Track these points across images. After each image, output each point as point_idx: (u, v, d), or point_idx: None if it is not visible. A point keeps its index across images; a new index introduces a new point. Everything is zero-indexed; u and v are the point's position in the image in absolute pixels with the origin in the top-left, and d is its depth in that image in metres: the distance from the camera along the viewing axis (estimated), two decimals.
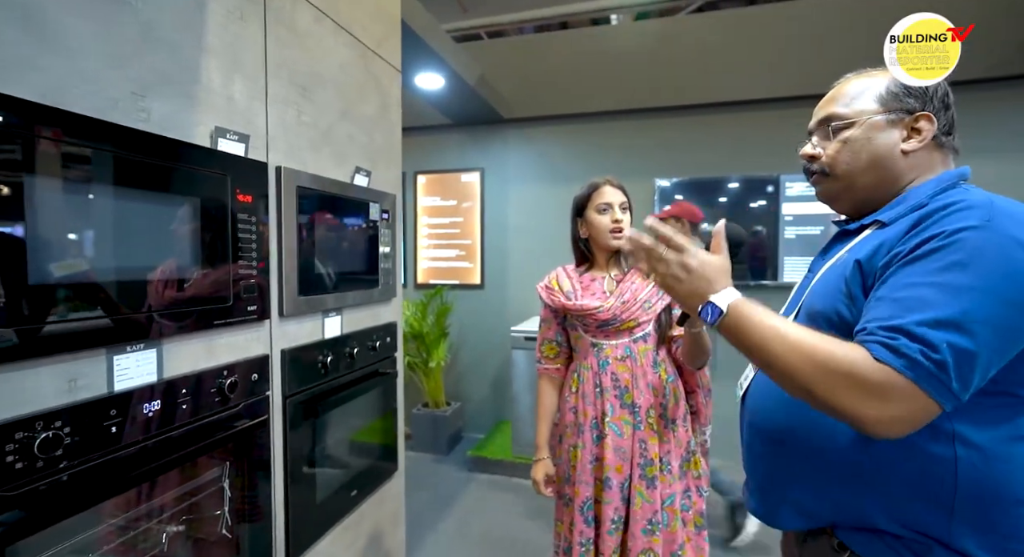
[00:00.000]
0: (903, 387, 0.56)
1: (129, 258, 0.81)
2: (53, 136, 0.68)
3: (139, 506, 0.89)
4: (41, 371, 0.69)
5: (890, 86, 0.77)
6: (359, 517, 1.51)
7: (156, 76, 0.85)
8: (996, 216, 0.59)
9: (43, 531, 0.68)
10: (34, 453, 0.66)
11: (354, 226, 1.46)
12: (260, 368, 1.09)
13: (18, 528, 0.63)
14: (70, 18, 0.71)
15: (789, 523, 0.79)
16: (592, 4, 3.92)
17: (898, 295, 0.61)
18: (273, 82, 1.13)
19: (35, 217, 0.66)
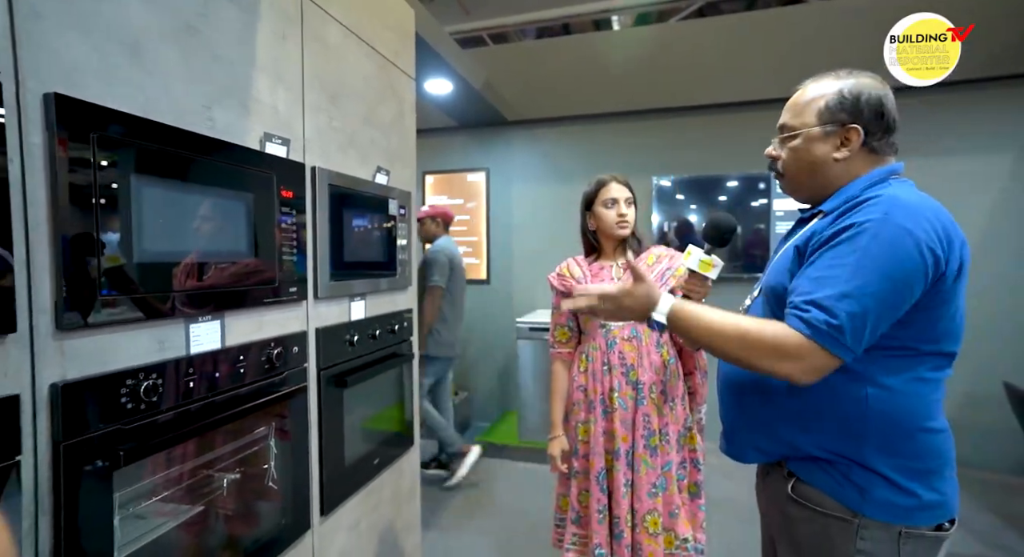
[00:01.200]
0: (810, 347, 0.75)
1: (200, 244, 0.97)
2: (148, 142, 0.84)
3: (206, 454, 1.06)
4: (142, 333, 0.85)
5: (829, 102, 0.88)
6: (380, 484, 1.67)
7: (219, 90, 1.01)
8: (893, 210, 0.75)
9: (144, 459, 0.84)
10: (140, 397, 0.82)
11: (375, 220, 1.62)
12: (300, 343, 1.26)
13: (131, 454, 0.79)
14: (162, 47, 0.88)
15: (752, 459, 0.95)
16: (593, 6, 4.06)
17: (816, 274, 0.78)
18: (309, 92, 1.29)
19: (139, 208, 0.82)
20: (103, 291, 0.76)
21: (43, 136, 0.70)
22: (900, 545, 0.79)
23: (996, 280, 2.90)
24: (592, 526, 1.39)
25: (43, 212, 0.70)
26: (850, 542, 0.81)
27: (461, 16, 4.51)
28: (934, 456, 0.80)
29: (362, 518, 1.56)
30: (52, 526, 0.71)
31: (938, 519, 0.80)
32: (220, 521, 1.11)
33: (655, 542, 1.36)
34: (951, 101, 2.91)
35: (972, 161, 2.92)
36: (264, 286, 1.13)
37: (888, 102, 0.87)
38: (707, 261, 1.13)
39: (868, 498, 0.80)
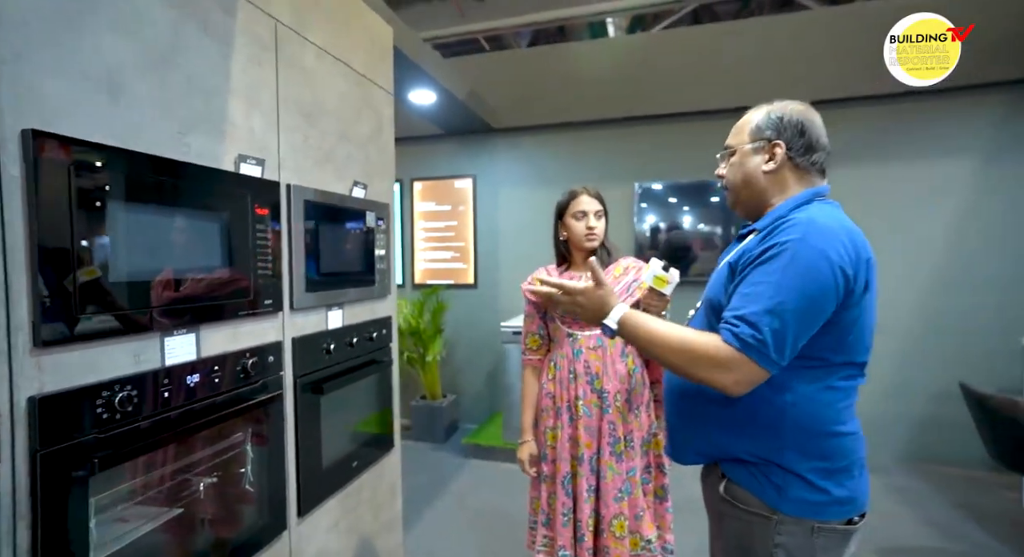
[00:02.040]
0: (740, 360, 0.81)
1: (175, 262, 1.03)
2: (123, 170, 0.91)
3: (183, 459, 1.12)
4: (117, 348, 0.91)
5: (758, 122, 0.97)
6: (360, 486, 1.73)
7: (195, 117, 1.08)
8: (810, 232, 0.82)
9: (119, 466, 0.90)
10: (115, 407, 0.88)
11: (353, 232, 1.69)
12: (275, 352, 1.32)
13: (106, 462, 0.85)
14: (137, 80, 0.94)
15: (690, 461, 1.01)
16: (588, 8, 4.11)
17: (745, 291, 0.84)
18: (284, 114, 1.35)
19: (115, 231, 0.89)
20: (79, 310, 0.83)
21: (20, 168, 0.76)
22: (813, 538, 0.85)
23: (960, 280, 2.98)
24: (557, 529, 1.45)
25: (20, 237, 0.76)
26: (769, 537, 0.87)
27: (457, 19, 4.56)
28: (844, 456, 0.86)
29: (341, 519, 1.62)
30: (30, 529, 0.77)
31: (848, 514, 0.86)
32: (197, 523, 1.17)
33: (621, 545, 1.42)
34: (918, 110, 2.99)
35: (938, 166, 3.00)
36: (239, 299, 1.19)
37: (808, 123, 0.94)
38: (662, 277, 1.20)
39: (785, 496, 0.86)
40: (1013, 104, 2.88)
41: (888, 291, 3.03)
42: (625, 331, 0.93)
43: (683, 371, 0.87)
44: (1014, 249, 2.91)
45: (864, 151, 3.07)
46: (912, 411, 3.08)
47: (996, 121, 2.91)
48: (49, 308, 0.79)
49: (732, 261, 0.92)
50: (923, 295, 3.05)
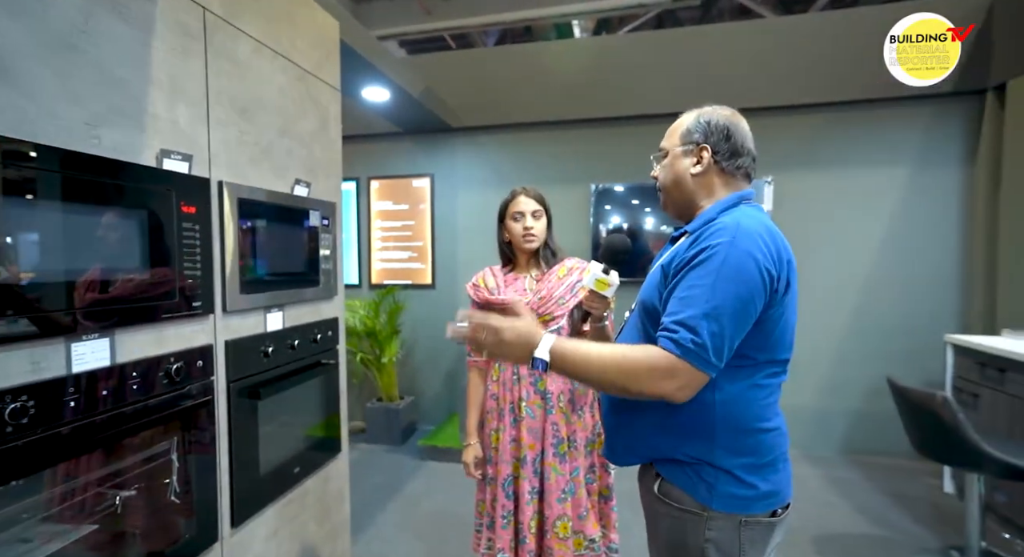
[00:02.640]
0: (682, 366, 0.81)
1: (83, 261, 0.97)
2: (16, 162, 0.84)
3: (96, 471, 1.05)
4: (10, 355, 0.85)
5: (689, 126, 1.00)
6: (303, 492, 1.68)
7: (107, 108, 1.01)
8: (738, 235, 0.84)
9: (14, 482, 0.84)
10: (5, 419, 0.82)
11: (295, 232, 1.63)
12: (205, 356, 1.26)
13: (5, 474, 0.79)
14: (35, 66, 0.88)
15: (626, 462, 1.02)
16: (554, 10, 4.12)
17: (681, 295, 0.85)
18: (215, 107, 1.29)
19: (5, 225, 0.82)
20: None
21: None
22: (741, 532, 0.88)
23: (890, 281, 3.16)
24: (496, 531, 1.44)
25: None
26: (701, 533, 0.89)
27: (422, 16, 4.49)
28: (769, 452, 0.89)
29: (281, 527, 1.57)
30: None
31: (772, 506, 0.89)
32: (116, 539, 1.10)
33: (565, 546, 1.42)
34: (855, 119, 3.15)
35: (871, 173, 3.16)
36: (162, 301, 1.13)
37: (733, 128, 0.97)
38: (603, 280, 1.19)
39: (715, 493, 0.88)
40: (937, 115, 3.07)
41: (825, 291, 3.19)
42: (558, 361, 0.87)
43: (624, 389, 0.85)
44: (939, 252, 3.10)
45: (804, 158, 3.21)
46: (848, 406, 3.24)
47: (923, 131, 3.09)
48: None
49: (664, 264, 0.94)
50: (858, 295, 3.20)
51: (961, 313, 3.08)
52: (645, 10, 4.32)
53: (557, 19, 4.40)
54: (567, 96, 3.42)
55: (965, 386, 2.50)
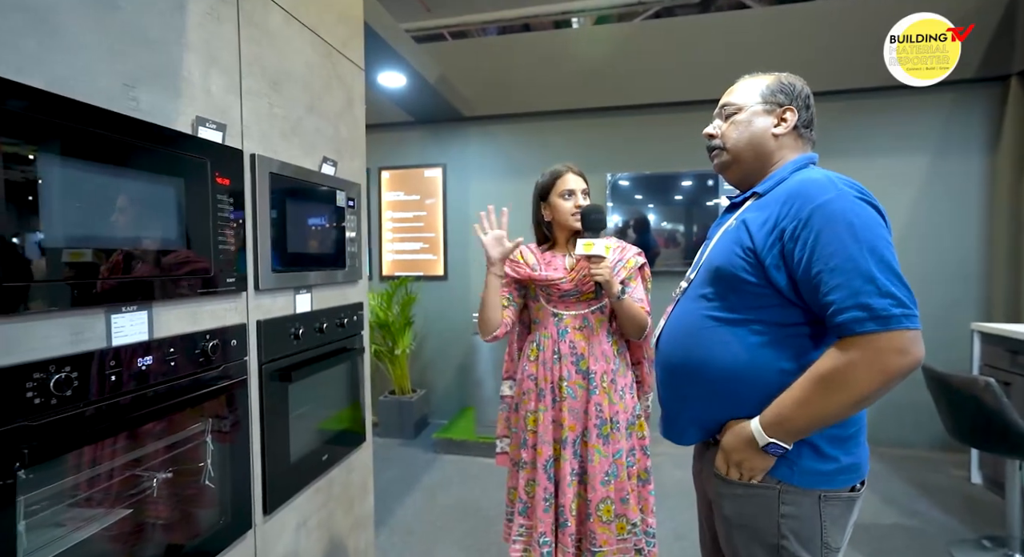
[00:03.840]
0: (894, 335, 0.74)
1: (121, 230, 0.92)
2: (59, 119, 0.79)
3: (133, 452, 1.00)
4: (52, 324, 0.80)
5: (770, 85, 0.97)
6: (329, 481, 1.63)
7: (144, 70, 0.96)
8: (841, 187, 0.80)
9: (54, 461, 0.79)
10: (50, 391, 0.77)
11: (322, 211, 1.58)
12: (239, 335, 1.21)
13: (38, 453, 0.74)
14: (70, 19, 0.83)
15: (691, 440, 0.98)
16: (554, 7, 4.09)
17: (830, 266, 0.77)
18: (247, 77, 1.24)
19: (49, 190, 0.77)
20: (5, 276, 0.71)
21: None
22: (821, 507, 0.83)
23: (913, 270, 3.13)
24: (538, 514, 1.40)
25: None
26: (775, 510, 0.85)
27: (422, 13, 4.45)
28: (853, 423, 0.85)
29: (310, 516, 1.52)
30: None
31: (853, 481, 0.85)
32: (149, 524, 1.05)
33: (608, 530, 1.38)
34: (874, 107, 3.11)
35: (892, 160, 3.13)
36: (197, 276, 1.08)
37: (811, 99, 0.97)
38: (587, 243, 1.34)
39: (796, 468, 0.84)
40: (959, 102, 3.03)
41: None
42: (780, 431, 0.81)
43: (872, 400, 0.77)
44: (961, 240, 3.07)
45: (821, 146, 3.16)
46: None
47: (944, 118, 3.06)
48: None
49: (747, 219, 0.88)
50: None
51: (983, 301, 3.05)
52: (644, 7, 4.29)
53: (556, 16, 4.37)
54: (581, 85, 3.38)
55: (993, 374, 2.46)
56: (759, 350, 0.84)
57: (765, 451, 0.83)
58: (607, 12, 4.72)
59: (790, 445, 0.81)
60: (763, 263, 0.84)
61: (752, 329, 0.86)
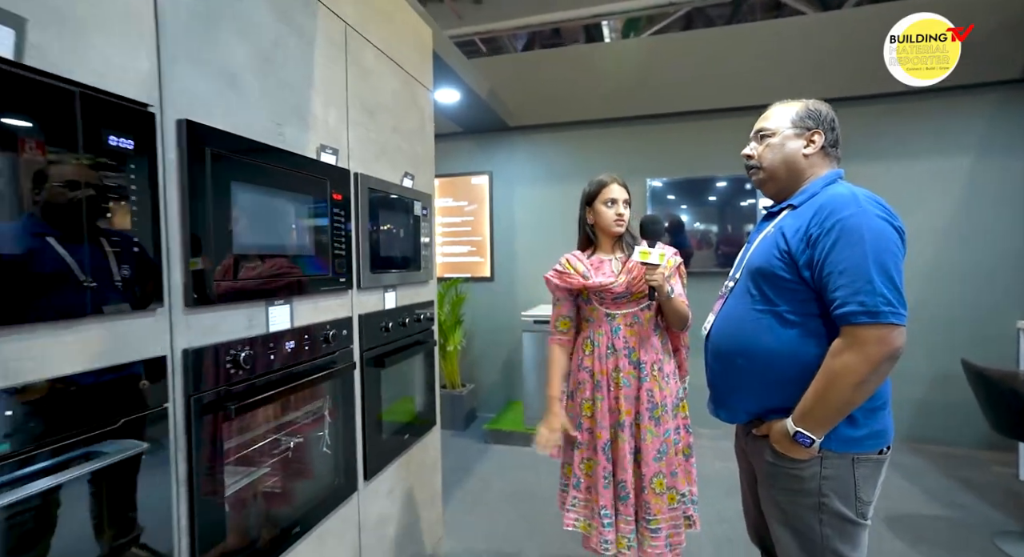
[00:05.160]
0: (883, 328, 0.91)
1: (273, 239, 1.15)
2: (242, 155, 1.03)
3: (279, 418, 1.24)
4: (235, 312, 1.03)
5: (799, 111, 1.12)
6: (409, 458, 1.85)
7: (287, 110, 1.20)
8: (862, 203, 0.96)
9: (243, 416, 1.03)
10: (239, 364, 1.00)
11: (403, 219, 1.81)
12: (347, 326, 1.44)
13: (239, 410, 0.98)
14: (249, 76, 1.06)
15: (742, 419, 1.14)
16: (583, 11, 4.23)
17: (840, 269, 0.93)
18: (351, 108, 1.48)
19: (237, 209, 1.01)
20: (214, 277, 0.95)
21: (176, 153, 0.88)
22: (855, 468, 0.99)
23: (957, 270, 3.15)
24: (599, 490, 1.57)
25: (176, 214, 0.88)
26: (817, 473, 1.01)
27: (454, 21, 4.68)
28: (879, 396, 1.00)
29: (396, 486, 1.75)
30: (186, 461, 0.89)
31: (880, 445, 1.00)
32: (289, 475, 1.29)
33: (661, 500, 1.55)
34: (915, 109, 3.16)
35: (935, 162, 3.17)
36: (320, 276, 1.31)
37: (836, 121, 1.12)
38: (643, 251, 1.43)
39: (834, 436, 0.99)
40: (1003, 103, 3.05)
41: None
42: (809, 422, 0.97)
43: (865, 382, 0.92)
44: (1004, 240, 3.08)
45: (861, 149, 3.23)
46: (911, 394, 3.24)
47: (987, 118, 3.07)
48: (194, 274, 0.91)
49: (784, 227, 1.05)
50: (922, 284, 3.21)
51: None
52: (675, 8, 4.39)
53: (585, 20, 4.51)
54: (618, 95, 3.53)
55: None
56: (795, 337, 1.01)
57: (795, 440, 0.99)
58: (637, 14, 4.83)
59: (817, 437, 0.98)
60: (796, 263, 1.00)
61: (788, 319, 1.02)
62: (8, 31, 0.60)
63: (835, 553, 1.01)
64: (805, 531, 1.03)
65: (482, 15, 4.77)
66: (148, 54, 0.83)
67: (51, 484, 0.66)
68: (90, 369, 0.74)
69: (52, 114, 0.67)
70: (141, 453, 0.80)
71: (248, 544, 1.07)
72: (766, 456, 1.08)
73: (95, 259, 0.72)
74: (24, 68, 0.63)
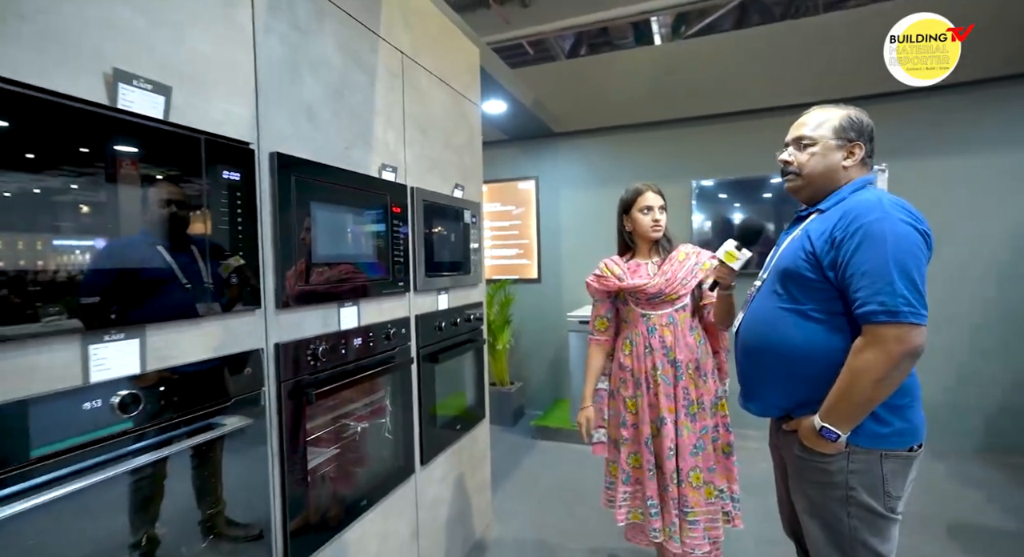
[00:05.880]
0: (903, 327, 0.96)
1: (344, 249, 1.32)
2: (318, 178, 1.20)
3: (346, 406, 1.41)
4: (313, 313, 1.21)
5: (841, 122, 1.15)
6: (460, 448, 2.00)
7: (353, 135, 1.37)
8: (887, 208, 1.00)
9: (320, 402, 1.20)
10: (317, 356, 1.18)
11: (454, 227, 1.96)
12: (405, 325, 1.60)
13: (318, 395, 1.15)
14: (323, 110, 1.24)
15: (772, 413, 1.20)
16: (632, 8, 4.26)
17: (862, 270, 0.98)
18: (408, 129, 1.64)
19: (315, 225, 1.18)
20: (298, 283, 1.12)
21: (269, 180, 1.06)
22: (883, 463, 1.03)
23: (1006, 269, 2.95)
24: (644, 481, 1.66)
25: (269, 232, 1.06)
26: (844, 467, 1.05)
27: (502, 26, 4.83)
28: (905, 394, 1.03)
29: (448, 472, 1.90)
30: (280, 435, 1.07)
31: (910, 443, 1.03)
32: (357, 456, 1.46)
33: (698, 493, 1.61)
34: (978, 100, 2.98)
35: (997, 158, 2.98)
36: (382, 280, 1.48)
37: (874, 131, 1.15)
38: (731, 253, 1.39)
39: (860, 431, 1.04)
40: None
41: (951, 283, 3.06)
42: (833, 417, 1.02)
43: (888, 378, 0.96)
44: None
45: (921, 144, 3.09)
46: (984, 401, 3.06)
47: None
48: (283, 281, 1.08)
49: (810, 231, 1.10)
50: (989, 286, 3.02)
51: None
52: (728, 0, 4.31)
53: (634, 18, 4.50)
54: (662, 98, 3.55)
55: None
56: (819, 333, 1.05)
57: (821, 435, 1.04)
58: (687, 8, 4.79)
59: (843, 432, 1.02)
60: (821, 264, 1.05)
61: (813, 317, 1.07)
62: (160, 98, 0.79)
63: (863, 544, 1.05)
64: (833, 523, 1.08)
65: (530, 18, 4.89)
66: (249, 103, 1.01)
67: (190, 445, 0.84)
68: (210, 357, 0.92)
69: (187, 156, 0.85)
70: (247, 426, 0.98)
71: (325, 513, 1.25)
72: (795, 450, 1.13)
73: (214, 270, 0.91)
74: (170, 124, 0.82)
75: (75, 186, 0.69)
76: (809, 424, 1.07)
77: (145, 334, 0.81)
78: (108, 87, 0.74)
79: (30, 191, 0.65)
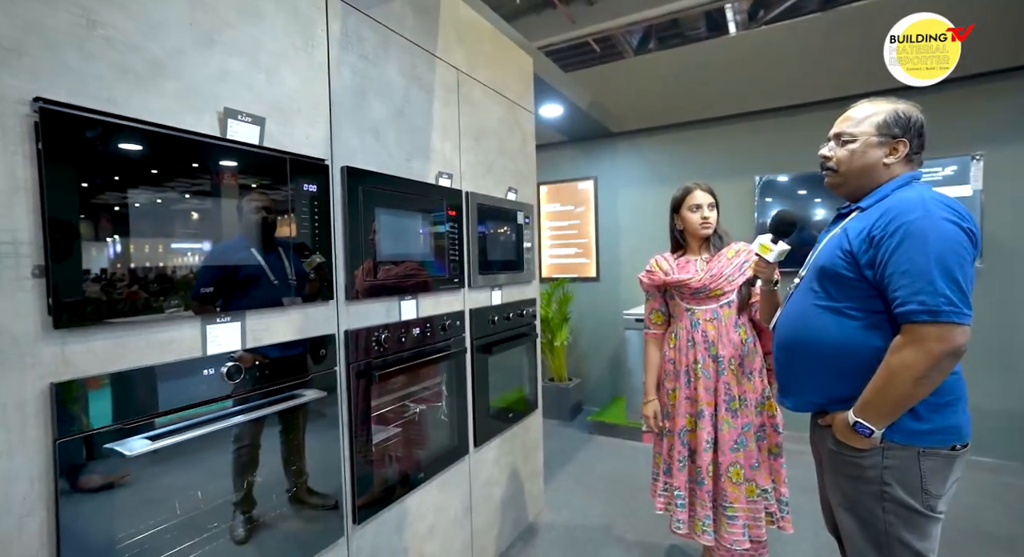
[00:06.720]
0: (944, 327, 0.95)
1: (404, 249, 1.49)
2: (378, 187, 1.38)
3: (405, 388, 1.59)
4: (378, 304, 1.39)
5: (887, 117, 1.12)
6: (513, 434, 2.13)
7: (413, 147, 1.54)
8: (929, 207, 0.98)
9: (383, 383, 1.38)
10: (381, 343, 1.35)
11: (508, 227, 2.09)
12: (460, 318, 1.76)
13: (381, 376, 1.32)
14: (387, 128, 1.41)
15: (808, 409, 1.21)
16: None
17: (903, 270, 0.97)
18: (463, 138, 1.79)
19: (379, 227, 1.36)
20: (366, 277, 1.30)
21: (340, 192, 1.25)
22: (920, 461, 1.02)
23: None
24: (673, 472, 1.69)
25: (340, 235, 1.25)
26: (879, 463, 1.05)
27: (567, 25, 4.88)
28: (948, 392, 1.01)
29: (501, 457, 2.03)
30: (349, 408, 1.25)
31: (951, 441, 1.01)
32: (416, 434, 1.63)
33: (738, 490, 1.62)
34: None
35: None
36: (439, 277, 1.64)
37: (924, 126, 1.10)
38: (765, 245, 1.39)
39: (896, 427, 1.03)
40: None
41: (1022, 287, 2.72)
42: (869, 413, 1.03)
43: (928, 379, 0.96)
44: None
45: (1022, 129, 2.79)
46: None
47: None
48: (352, 276, 1.26)
49: (848, 229, 1.09)
50: None
51: None
52: None
53: (707, 6, 4.34)
54: (720, 94, 3.46)
55: None
56: (856, 331, 1.06)
57: (855, 430, 1.05)
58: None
59: (878, 428, 1.02)
60: (859, 262, 1.05)
61: (850, 315, 1.07)
62: (256, 128, 0.98)
63: (900, 540, 1.05)
64: (867, 517, 1.08)
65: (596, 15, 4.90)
66: (324, 126, 1.20)
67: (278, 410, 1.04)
68: (294, 339, 1.11)
69: (276, 173, 1.05)
70: (323, 398, 1.16)
71: (388, 481, 1.42)
72: (828, 444, 1.14)
73: (297, 266, 1.10)
74: (263, 148, 1.01)
75: (187, 196, 0.90)
76: (843, 418, 1.08)
77: (245, 318, 1.01)
78: (220, 123, 0.94)
79: (167, 206, 0.85)
